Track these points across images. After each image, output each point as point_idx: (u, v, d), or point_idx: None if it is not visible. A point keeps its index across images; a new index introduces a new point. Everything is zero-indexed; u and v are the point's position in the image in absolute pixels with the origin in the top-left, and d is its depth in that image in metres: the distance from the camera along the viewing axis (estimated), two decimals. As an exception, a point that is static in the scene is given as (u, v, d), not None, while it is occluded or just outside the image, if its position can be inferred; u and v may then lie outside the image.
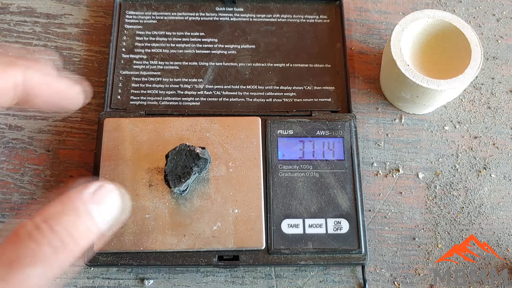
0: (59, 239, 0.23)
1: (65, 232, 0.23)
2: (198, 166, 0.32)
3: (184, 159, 0.32)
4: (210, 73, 0.41)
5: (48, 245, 0.23)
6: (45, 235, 0.23)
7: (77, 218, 0.25)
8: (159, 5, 0.43)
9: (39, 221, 0.24)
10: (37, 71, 0.26)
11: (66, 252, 0.23)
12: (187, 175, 0.32)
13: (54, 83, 0.27)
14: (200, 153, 0.32)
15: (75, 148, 0.39)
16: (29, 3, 0.44)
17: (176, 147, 0.32)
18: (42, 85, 0.27)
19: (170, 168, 0.32)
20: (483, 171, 0.40)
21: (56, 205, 0.25)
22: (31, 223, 0.24)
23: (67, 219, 0.24)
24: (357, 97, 0.42)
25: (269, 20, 0.43)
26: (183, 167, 0.32)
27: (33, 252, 0.22)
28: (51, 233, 0.23)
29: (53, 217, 0.24)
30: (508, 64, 0.44)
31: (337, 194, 0.36)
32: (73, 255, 0.24)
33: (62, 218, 0.24)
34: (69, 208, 0.25)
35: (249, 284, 0.36)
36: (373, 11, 0.46)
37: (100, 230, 0.26)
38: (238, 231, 0.34)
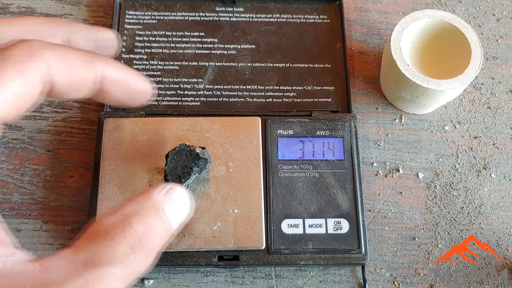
0: (138, 238, 0.23)
1: (144, 231, 0.23)
2: (198, 166, 0.32)
3: (184, 159, 0.32)
4: (210, 73, 0.41)
5: (126, 244, 0.22)
6: (124, 233, 0.22)
7: (155, 218, 0.24)
8: (159, 5, 0.43)
9: (118, 218, 0.23)
10: (117, 67, 0.26)
11: (144, 252, 0.23)
12: (187, 175, 0.32)
13: (131, 79, 0.27)
14: (200, 153, 0.32)
15: (75, 148, 0.39)
16: (29, 3, 0.44)
17: (176, 147, 0.32)
18: (120, 81, 0.26)
19: (170, 168, 0.32)
20: (483, 171, 0.40)
21: (134, 203, 0.24)
22: (110, 220, 0.23)
23: (145, 218, 0.23)
24: (357, 97, 0.42)
25: (269, 20, 0.43)
26: (183, 167, 0.32)
27: (111, 250, 0.22)
28: (130, 231, 0.22)
29: (132, 215, 0.23)
30: (508, 64, 0.44)
31: (337, 194, 0.36)
32: (150, 256, 0.23)
33: (141, 217, 0.23)
34: (147, 206, 0.24)
35: (249, 284, 0.36)
36: (373, 11, 0.46)
37: (172, 231, 0.26)
38: (238, 231, 0.34)
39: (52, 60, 0.23)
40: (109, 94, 0.26)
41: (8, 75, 0.21)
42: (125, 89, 0.27)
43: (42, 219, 0.37)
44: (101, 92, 0.26)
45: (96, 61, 0.25)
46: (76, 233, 0.36)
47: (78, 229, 0.36)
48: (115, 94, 0.26)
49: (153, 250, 0.23)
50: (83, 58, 0.24)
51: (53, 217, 0.37)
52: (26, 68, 0.22)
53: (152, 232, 0.23)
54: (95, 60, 0.25)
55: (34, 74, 0.22)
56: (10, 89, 0.21)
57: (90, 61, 0.25)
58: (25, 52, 0.22)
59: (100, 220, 0.23)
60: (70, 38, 0.28)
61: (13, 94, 0.21)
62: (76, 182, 0.38)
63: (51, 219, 0.37)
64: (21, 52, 0.22)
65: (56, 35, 0.27)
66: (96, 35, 0.29)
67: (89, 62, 0.24)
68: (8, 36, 0.25)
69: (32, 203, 0.37)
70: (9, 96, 0.21)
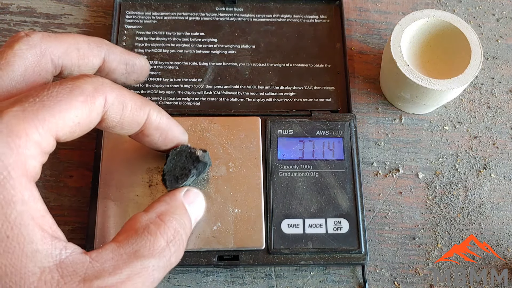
0: (171, 234, 0.26)
1: (176, 227, 0.26)
2: (197, 169, 0.32)
3: (183, 161, 0.32)
4: (210, 73, 0.41)
5: (163, 238, 0.25)
6: (160, 229, 0.25)
7: (182, 215, 0.28)
8: (159, 5, 0.43)
9: (151, 216, 0.26)
10: (161, 115, 0.29)
11: (176, 245, 0.26)
12: (184, 177, 0.32)
13: (171, 129, 0.30)
14: (200, 157, 0.32)
15: (75, 148, 0.39)
16: (29, 3, 0.44)
17: (178, 147, 0.32)
18: (162, 129, 0.29)
19: (169, 168, 0.32)
20: (483, 171, 0.40)
21: (162, 203, 0.28)
22: (145, 218, 0.26)
23: (175, 216, 0.27)
24: (357, 97, 0.42)
25: (269, 20, 0.43)
26: (181, 169, 0.32)
27: (150, 244, 0.24)
28: (165, 228, 0.26)
29: (164, 213, 0.27)
30: (508, 64, 0.44)
31: (337, 194, 0.36)
32: (181, 248, 0.26)
33: (172, 215, 0.27)
34: (175, 206, 0.28)
35: (249, 284, 0.36)
36: (373, 11, 0.46)
37: (192, 227, 0.30)
38: (238, 231, 0.34)
39: (110, 97, 0.25)
40: (149, 137, 0.29)
41: (74, 103, 0.23)
42: (162, 135, 0.30)
43: (42, 219, 0.37)
44: (142, 134, 0.29)
45: (146, 106, 0.28)
46: (76, 233, 0.36)
47: (78, 229, 0.36)
48: (153, 138, 0.29)
49: (183, 243, 0.27)
50: (138, 100, 0.27)
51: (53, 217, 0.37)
52: (90, 100, 0.24)
53: (182, 228, 0.27)
54: (146, 105, 0.28)
55: (96, 106, 0.24)
56: (72, 115, 0.23)
57: (143, 105, 0.27)
58: (90, 86, 0.24)
59: (136, 217, 0.26)
60: (106, 58, 0.31)
61: (73, 120, 0.24)
62: (76, 182, 0.38)
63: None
64: (86, 85, 0.24)
65: (94, 54, 0.30)
66: (129, 59, 0.33)
67: (143, 105, 0.27)
68: (58, 53, 0.28)
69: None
70: (70, 121, 0.23)
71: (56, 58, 0.28)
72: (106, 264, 0.22)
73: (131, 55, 0.33)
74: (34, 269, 0.21)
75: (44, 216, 0.22)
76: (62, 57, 0.28)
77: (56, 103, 0.23)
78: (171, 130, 0.30)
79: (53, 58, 0.28)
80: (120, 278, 0.22)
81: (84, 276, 0.22)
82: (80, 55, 0.29)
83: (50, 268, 0.21)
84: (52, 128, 0.23)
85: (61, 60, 0.28)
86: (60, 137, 0.24)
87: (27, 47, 0.26)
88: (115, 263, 0.23)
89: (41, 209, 0.22)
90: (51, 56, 0.27)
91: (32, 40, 0.27)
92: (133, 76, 0.34)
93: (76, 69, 0.29)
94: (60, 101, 0.23)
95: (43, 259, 0.21)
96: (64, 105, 0.23)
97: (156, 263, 0.24)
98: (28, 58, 0.26)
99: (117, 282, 0.22)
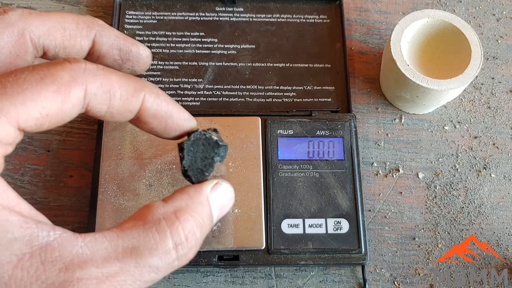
0: (184, 236, 0.23)
1: (191, 229, 0.23)
2: (219, 155, 0.28)
3: (202, 149, 0.28)
4: (210, 73, 0.41)
5: (172, 239, 0.22)
6: (173, 227, 0.23)
7: (203, 215, 0.24)
8: (159, 5, 0.43)
9: (168, 210, 0.23)
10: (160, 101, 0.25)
11: (186, 248, 0.23)
12: (209, 167, 0.28)
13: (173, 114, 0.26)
14: (219, 140, 0.28)
15: (75, 148, 0.39)
16: (29, 3, 0.44)
17: (191, 136, 0.27)
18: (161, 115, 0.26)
19: (189, 162, 0.27)
20: (483, 171, 0.40)
21: (185, 196, 0.24)
22: (161, 210, 0.23)
23: (194, 215, 0.24)
24: (357, 97, 0.42)
25: (269, 20, 0.43)
26: (203, 159, 0.28)
27: (154, 243, 0.22)
28: (178, 228, 0.23)
29: (183, 210, 0.24)
30: (508, 64, 0.44)
31: (337, 194, 0.36)
32: (191, 252, 0.23)
33: (191, 212, 0.24)
34: (197, 202, 0.25)
35: (249, 284, 0.36)
36: (373, 11, 0.46)
37: (213, 225, 0.26)
38: (238, 231, 0.34)
39: (93, 87, 0.23)
40: (146, 125, 0.26)
41: (43, 92, 0.21)
42: (162, 123, 0.26)
43: (42, 219, 0.37)
44: (138, 121, 0.26)
45: (140, 92, 0.24)
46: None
47: (78, 229, 0.36)
48: (151, 126, 0.26)
49: (196, 246, 0.24)
50: (130, 86, 0.24)
51: (53, 217, 0.37)
52: (64, 90, 0.21)
53: (198, 229, 0.24)
54: (140, 90, 0.24)
55: (71, 98, 0.22)
56: (38, 106, 0.21)
57: (135, 91, 0.24)
58: (67, 75, 0.22)
59: (151, 207, 0.23)
60: (97, 40, 0.27)
61: (40, 111, 0.21)
62: (76, 182, 0.38)
63: (51, 219, 0.36)
64: (62, 73, 0.22)
65: (83, 35, 0.27)
66: (124, 45, 0.29)
67: (135, 91, 0.24)
68: (38, 32, 0.25)
69: (32, 203, 0.37)
70: (35, 113, 0.21)
71: (36, 38, 0.25)
72: (98, 253, 0.20)
73: (128, 41, 0.29)
74: (10, 257, 0.19)
75: (19, 203, 0.21)
76: (43, 37, 0.25)
77: (20, 91, 0.20)
78: (171, 117, 0.26)
79: (32, 38, 0.25)
80: (107, 272, 0.20)
81: (69, 262, 0.20)
82: (66, 35, 0.26)
83: (31, 254, 0.19)
84: (12, 119, 0.20)
85: (42, 41, 0.25)
86: (24, 128, 0.21)
87: (3, 25, 0.24)
88: (107, 254, 0.21)
89: (13, 197, 0.21)
90: (31, 35, 0.25)
91: (9, 18, 0.24)
92: (127, 65, 0.30)
93: (61, 51, 0.26)
94: (26, 89, 0.21)
95: (22, 246, 0.20)
96: (29, 95, 0.20)
97: (155, 264, 0.22)
98: (3, 38, 0.24)
99: (102, 276, 0.20)
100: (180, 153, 0.27)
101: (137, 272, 0.21)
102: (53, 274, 0.19)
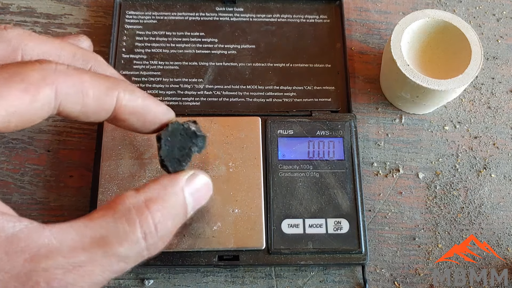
0: (153, 226, 0.23)
1: (161, 219, 0.23)
2: (197, 145, 0.28)
3: (179, 139, 0.28)
4: (210, 73, 0.41)
5: (141, 229, 0.22)
6: (142, 217, 0.22)
7: (175, 205, 0.24)
8: (159, 5, 0.43)
9: (139, 200, 0.23)
10: (135, 97, 0.25)
11: (156, 238, 0.23)
12: (187, 157, 0.28)
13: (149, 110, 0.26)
14: (196, 131, 0.28)
15: (75, 148, 0.39)
16: (29, 3, 0.44)
17: (168, 126, 0.28)
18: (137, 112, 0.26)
19: (166, 152, 0.28)
20: (483, 171, 0.40)
21: (158, 186, 0.24)
22: (132, 200, 0.23)
23: (166, 205, 0.24)
24: (357, 97, 0.42)
25: (269, 20, 0.43)
26: (180, 149, 0.28)
27: (123, 233, 0.22)
28: (148, 218, 0.23)
29: (154, 199, 0.23)
30: (508, 64, 0.44)
31: (337, 194, 0.36)
32: (161, 242, 0.23)
33: (162, 203, 0.23)
34: (170, 192, 0.24)
35: (249, 284, 0.36)
36: (373, 11, 0.46)
37: (187, 218, 0.26)
38: (238, 231, 0.34)
39: (64, 86, 0.22)
40: (124, 122, 0.26)
41: (12, 91, 0.21)
42: (140, 119, 0.26)
43: (42, 219, 0.37)
44: (115, 119, 0.26)
45: (114, 90, 0.24)
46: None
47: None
48: (129, 122, 0.26)
49: (167, 236, 0.24)
50: (102, 85, 0.24)
51: (53, 217, 0.37)
52: (32, 89, 0.21)
53: (170, 220, 0.24)
54: (113, 89, 0.24)
55: (40, 98, 0.22)
56: (4, 104, 0.21)
57: (109, 89, 0.24)
58: (37, 74, 0.22)
59: (123, 196, 0.23)
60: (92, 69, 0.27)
61: (6, 110, 0.21)
62: (76, 182, 0.38)
63: (51, 219, 0.37)
64: (32, 73, 0.22)
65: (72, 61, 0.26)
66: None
67: (108, 90, 0.24)
68: (32, 53, 0.25)
69: (32, 203, 0.37)
70: (2, 110, 0.21)
71: (28, 57, 0.25)
72: (65, 243, 0.20)
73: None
74: None
75: None
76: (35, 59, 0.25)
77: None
78: (149, 112, 0.26)
79: (24, 57, 0.25)
80: (74, 262, 0.20)
81: (35, 253, 0.20)
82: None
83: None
84: None
85: None
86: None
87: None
88: (74, 244, 0.20)
89: None
90: (23, 54, 0.25)
91: (7, 34, 0.25)
92: None
93: None
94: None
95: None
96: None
97: (124, 253, 0.21)
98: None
99: (69, 266, 0.20)
100: (158, 143, 0.27)
101: (105, 262, 0.21)
102: (18, 264, 0.19)
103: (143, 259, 0.23)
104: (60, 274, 0.20)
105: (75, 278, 0.20)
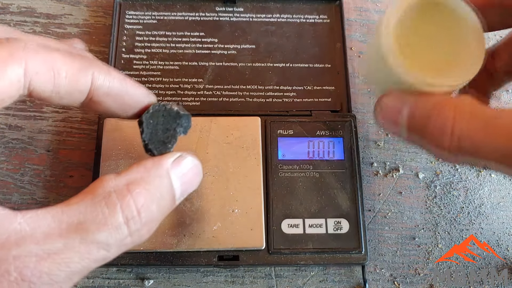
0: (135, 209, 0.21)
1: (145, 203, 0.22)
2: (181, 125, 0.27)
3: (162, 121, 0.27)
4: (210, 73, 0.41)
5: (122, 213, 0.21)
6: (124, 200, 0.21)
7: (160, 188, 0.23)
8: (159, 5, 0.43)
9: (120, 183, 0.22)
10: (110, 77, 0.24)
11: (139, 224, 0.21)
12: (172, 139, 0.27)
13: (126, 91, 0.25)
14: (180, 110, 0.27)
15: (75, 148, 0.39)
16: (29, 3, 0.44)
17: (149, 108, 0.26)
18: (113, 93, 0.24)
19: (149, 135, 0.26)
20: (483, 171, 0.40)
21: (140, 169, 0.23)
22: (112, 183, 0.22)
23: (149, 188, 0.22)
24: (357, 97, 0.42)
25: (269, 20, 0.43)
26: (164, 131, 0.26)
27: (102, 217, 0.20)
28: (129, 201, 0.21)
29: (136, 182, 0.22)
30: (508, 64, 0.44)
31: (337, 194, 0.36)
32: (146, 228, 0.22)
33: (145, 185, 0.22)
34: (154, 175, 0.23)
35: (249, 284, 0.36)
36: (373, 11, 0.46)
37: (176, 203, 0.24)
38: (238, 231, 0.34)
39: (34, 63, 0.21)
40: (101, 105, 0.25)
41: None
42: (117, 101, 0.25)
43: (42, 219, 0.37)
44: (92, 102, 0.24)
45: (88, 70, 0.23)
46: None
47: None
48: (106, 105, 0.25)
49: (153, 222, 0.22)
50: (76, 64, 0.23)
51: None
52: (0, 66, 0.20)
53: (155, 203, 0.22)
54: (87, 68, 0.23)
55: (8, 75, 0.21)
56: None
57: (82, 69, 0.23)
58: (5, 51, 0.21)
59: (102, 180, 0.22)
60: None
61: None
62: (76, 182, 0.38)
63: (51, 219, 0.37)
64: (0, 50, 0.21)
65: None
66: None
67: (82, 69, 0.23)
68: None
69: (32, 203, 0.37)
70: None
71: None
72: (38, 230, 0.19)
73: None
74: None
75: None
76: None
77: None
78: (127, 94, 0.25)
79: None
80: (49, 250, 0.19)
81: (4, 240, 0.18)
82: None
83: None
84: None
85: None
86: None
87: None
88: (49, 231, 0.19)
89: None
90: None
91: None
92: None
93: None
94: None
95: None
96: None
97: (104, 240, 0.20)
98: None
99: (44, 253, 0.19)
100: (140, 127, 0.26)
101: (83, 249, 0.20)
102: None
103: (127, 247, 0.21)
104: (32, 262, 0.18)
105: (50, 266, 0.19)
